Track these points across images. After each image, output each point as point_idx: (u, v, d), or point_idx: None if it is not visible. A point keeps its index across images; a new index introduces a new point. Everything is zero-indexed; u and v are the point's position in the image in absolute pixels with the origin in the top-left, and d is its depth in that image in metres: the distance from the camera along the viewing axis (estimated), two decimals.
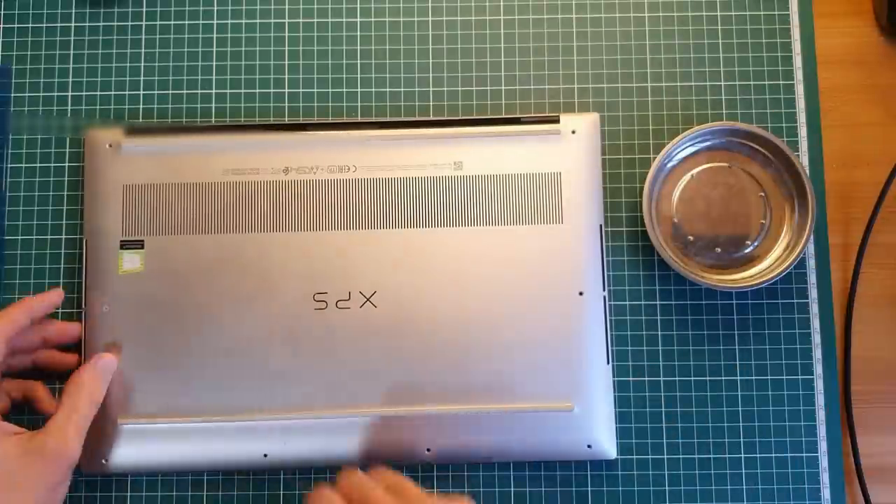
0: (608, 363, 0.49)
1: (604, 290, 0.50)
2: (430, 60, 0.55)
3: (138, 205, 0.50)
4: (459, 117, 0.53)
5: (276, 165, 0.51)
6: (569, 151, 0.51)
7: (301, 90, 0.54)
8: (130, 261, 0.50)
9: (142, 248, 0.50)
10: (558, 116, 0.52)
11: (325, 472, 0.51)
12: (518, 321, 0.49)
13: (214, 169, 0.51)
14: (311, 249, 0.50)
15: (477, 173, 0.51)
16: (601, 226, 0.50)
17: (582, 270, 0.50)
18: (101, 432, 0.48)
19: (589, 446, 0.48)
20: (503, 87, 0.54)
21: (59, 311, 0.52)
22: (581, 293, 0.49)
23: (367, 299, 0.49)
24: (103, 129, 0.52)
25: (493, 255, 0.50)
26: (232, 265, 0.50)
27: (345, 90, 0.54)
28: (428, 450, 0.49)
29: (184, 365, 0.49)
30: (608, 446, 0.49)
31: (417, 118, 0.54)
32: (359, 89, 0.54)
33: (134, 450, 0.49)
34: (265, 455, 0.49)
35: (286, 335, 0.49)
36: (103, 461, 0.49)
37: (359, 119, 0.54)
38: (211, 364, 0.49)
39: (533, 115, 0.53)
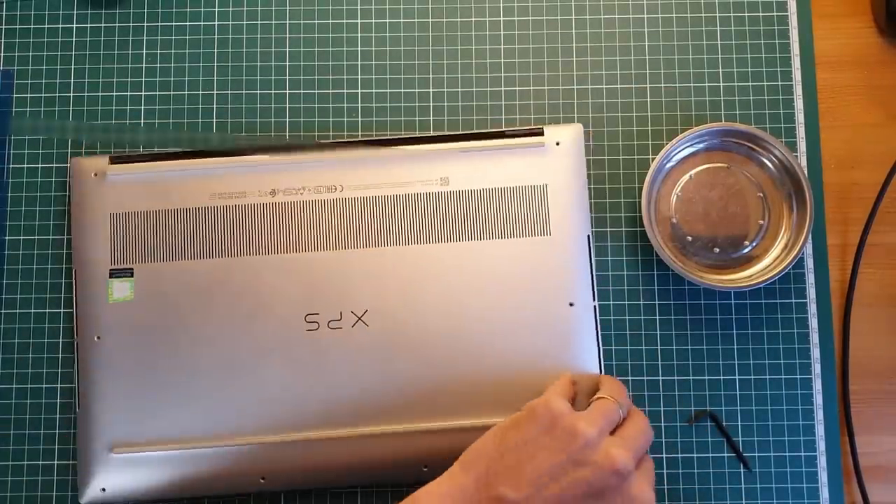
0: (600, 373, 0.49)
1: (593, 300, 0.50)
2: (430, 62, 0.55)
3: (126, 233, 0.51)
4: (444, 133, 0.53)
5: (262, 188, 0.51)
6: (554, 163, 0.51)
7: (302, 91, 0.55)
8: (120, 289, 0.50)
9: (131, 276, 0.50)
10: (542, 129, 0.52)
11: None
12: (509, 334, 0.49)
13: (200, 193, 0.51)
14: (301, 270, 0.50)
15: (463, 188, 0.51)
16: (589, 236, 0.50)
17: (571, 281, 0.50)
18: (96, 462, 0.49)
19: None
20: (503, 88, 0.55)
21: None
22: (571, 304, 0.49)
23: (359, 318, 0.50)
24: (88, 158, 0.52)
25: (482, 269, 0.50)
26: (222, 289, 0.50)
27: (345, 91, 0.55)
28: (425, 467, 0.48)
29: (177, 391, 0.49)
30: None
31: (403, 136, 0.53)
32: (359, 90, 0.55)
33: (130, 477, 0.49)
34: (262, 479, 0.48)
35: (279, 358, 0.49)
36: (102, 489, 0.49)
37: (344, 138, 0.54)
38: (204, 389, 0.49)
39: (517, 128, 0.53)
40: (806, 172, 0.53)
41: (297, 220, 0.51)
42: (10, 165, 0.54)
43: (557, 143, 0.51)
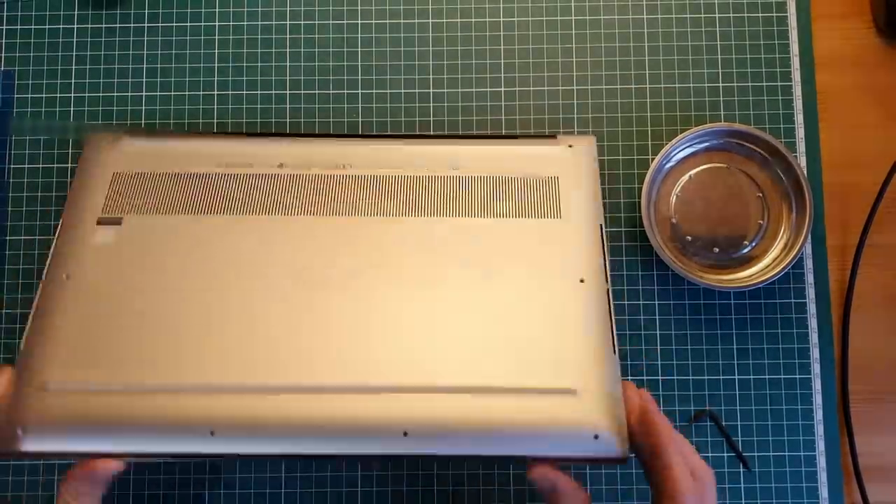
0: (614, 352, 0.45)
1: (607, 282, 0.47)
2: (431, 62, 0.55)
3: (125, 189, 0.49)
4: (456, 132, 0.54)
5: (270, 161, 0.51)
6: (566, 160, 0.51)
7: (302, 92, 0.55)
8: (103, 235, 0.48)
9: (119, 224, 0.48)
10: (556, 133, 0.52)
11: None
12: (517, 308, 0.46)
13: (208, 163, 0.51)
14: (299, 235, 0.48)
15: (474, 174, 0.50)
16: (601, 225, 0.49)
17: (582, 259, 0.48)
18: (27, 399, 0.42)
19: (595, 437, 0.41)
20: (503, 89, 0.55)
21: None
22: (582, 280, 0.47)
23: (353, 278, 0.47)
24: (106, 131, 0.52)
25: (491, 244, 0.48)
26: (211, 247, 0.48)
27: (345, 92, 0.55)
28: (405, 434, 0.41)
29: (135, 337, 0.45)
30: (617, 440, 0.41)
31: (413, 133, 0.54)
32: (359, 90, 0.55)
33: (60, 416, 0.42)
34: (212, 433, 0.41)
35: (252, 309, 0.46)
36: (20, 431, 0.41)
37: (358, 133, 0.54)
38: (165, 338, 0.45)
39: (531, 132, 0.53)
40: (805, 173, 0.53)
41: (301, 190, 0.50)
42: (11, 165, 0.54)
43: (570, 146, 0.51)
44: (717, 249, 0.52)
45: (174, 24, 0.55)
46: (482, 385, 0.43)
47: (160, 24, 0.55)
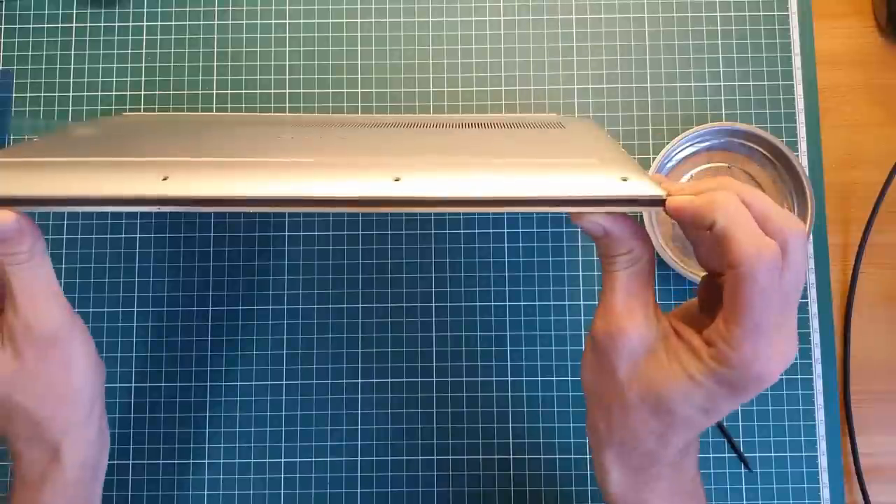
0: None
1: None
2: (431, 61, 0.55)
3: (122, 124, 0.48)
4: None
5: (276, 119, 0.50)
6: (569, 118, 0.50)
7: (301, 91, 0.54)
8: (85, 130, 0.43)
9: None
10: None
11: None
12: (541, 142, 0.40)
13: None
14: (310, 130, 0.44)
15: (491, 122, 0.48)
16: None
17: (600, 146, 0.40)
18: None
19: (624, 179, 0.31)
20: (503, 88, 0.54)
21: None
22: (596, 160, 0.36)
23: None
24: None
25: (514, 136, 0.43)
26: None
27: (345, 91, 0.55)
28: (397, 179, 0.32)
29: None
30: (648, 182, 0.31)
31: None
32: (359, 90, 0.55)
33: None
34: (165, 178, 0.32)
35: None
36: None
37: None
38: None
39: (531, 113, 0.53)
40: (807, 172, 0.52)
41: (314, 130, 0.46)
42: None
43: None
44: None
45: (173, 23, 0.55)
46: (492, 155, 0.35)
47: (159, 24, 0.55)
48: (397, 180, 0.31)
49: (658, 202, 0.31)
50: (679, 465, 0.34)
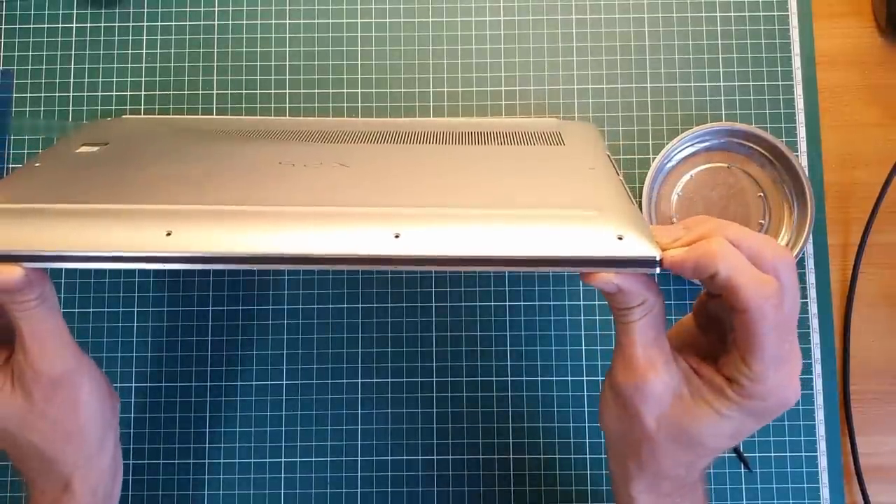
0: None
1: (618, 174, 0.40)
2: (431, 62, 0.55)
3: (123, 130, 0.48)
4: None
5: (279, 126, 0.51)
6: (566, 122, 0.51)
7: (301, 91, 0.54)
8: (87, 148, 0.43)
9: (105, 144, 0.44)
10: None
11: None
12: (532, 177, 0.40)
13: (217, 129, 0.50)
14: (307, 149, 0.44)
15: (486, 130, 0.49)
16: (608, 154, 0.44)
17: (588, 155, 0.42)
18: None
19: (620, 238, 0.32)
20: (503, 88, 0.55)
21: None
22: (592, 168, 0.40)
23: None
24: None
25: (504, 154, 0.44)
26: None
27: (345, 91, 0.55)
28: (396, 235, 0.32)
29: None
30: (646, 242, 0.32)
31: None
32: (359, 90, 0.55)
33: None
34: (168, 233, 0.32)
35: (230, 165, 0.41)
36: None
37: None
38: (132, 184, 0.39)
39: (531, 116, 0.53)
40: (807, 172, 0.52)
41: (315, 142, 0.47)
42: (11, 165, 0.54)
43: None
44: None
45: (173, 24, 0.55)
46: (491, 206, 0.34)
47: (159, 24, 0.55)
48: (397, 237, 0.32)
49: (654, 263, 0.32)
50: (697, 482, 0.36)
